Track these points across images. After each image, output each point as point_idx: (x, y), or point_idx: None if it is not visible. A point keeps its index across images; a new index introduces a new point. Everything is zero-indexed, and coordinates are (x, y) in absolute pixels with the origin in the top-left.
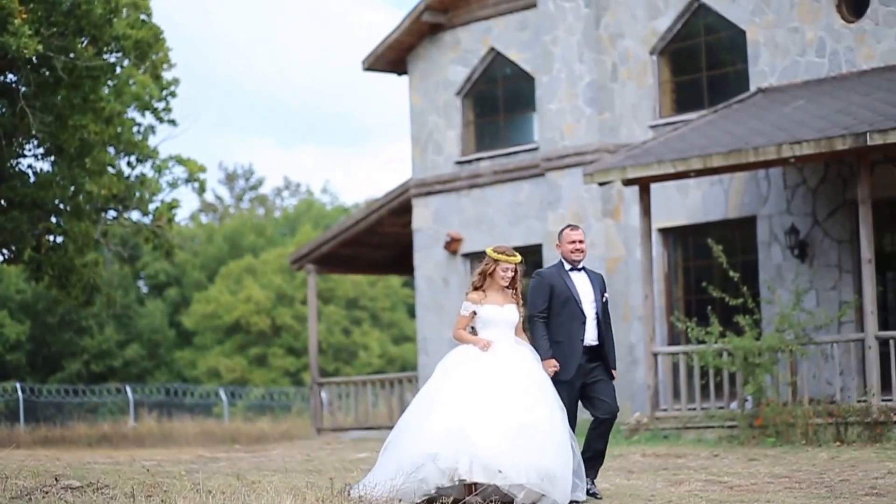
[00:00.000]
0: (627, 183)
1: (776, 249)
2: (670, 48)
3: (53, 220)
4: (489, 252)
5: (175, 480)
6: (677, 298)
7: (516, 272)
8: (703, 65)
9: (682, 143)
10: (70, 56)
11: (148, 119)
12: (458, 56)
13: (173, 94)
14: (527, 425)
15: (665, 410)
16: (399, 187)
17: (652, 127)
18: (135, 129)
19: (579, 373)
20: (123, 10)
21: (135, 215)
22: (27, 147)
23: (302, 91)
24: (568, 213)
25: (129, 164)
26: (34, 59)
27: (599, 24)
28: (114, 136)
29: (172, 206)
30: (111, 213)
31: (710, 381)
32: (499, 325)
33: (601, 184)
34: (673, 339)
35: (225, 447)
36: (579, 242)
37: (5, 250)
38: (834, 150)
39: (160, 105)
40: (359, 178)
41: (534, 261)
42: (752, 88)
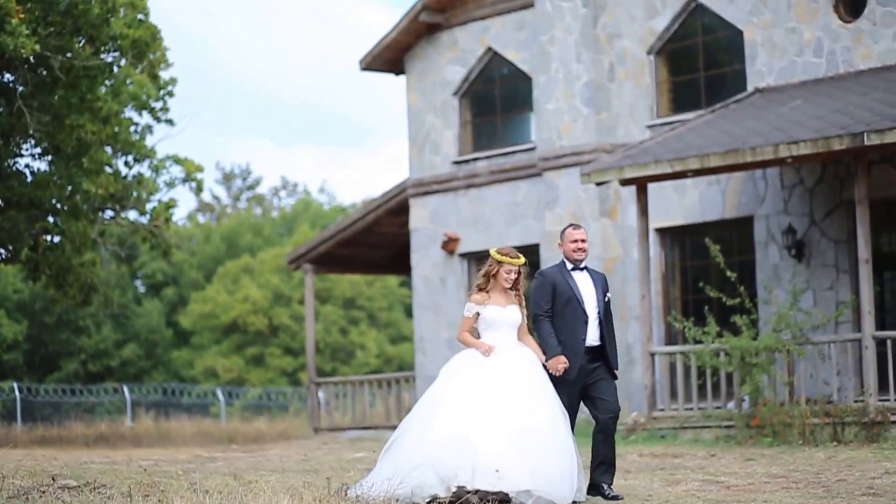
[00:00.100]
0: (625, 183)
1: (773, 249)
2: (668, 48)
3: (51, 219)
4: (493, 253)
5: (172, 480)
6: (674, 298)
7: (519, 273)
8: (700, 65)
9: (679, 142)
10: (67, 56)
11: (145, 119)
12: (455, 56)
13: (171, 93)
14: (529, 428)
15: (662, 410)
16: (396, 187)
17: (649, 127)
18: (132, 129)
19: (581, 373)
20: (121, 10)
21: (132, 215)
22: (24, 146)
23: (300, 91)
24: (565, 213)
25: (126, 163)
26: (31, 58)
27: (597, 24)
28: (111, 135)
29: (170, 205)
30: (108, 212)
31: (708, 381)
32: (501, 326)
33: (598, 184)
34: (670, 338)
35: (222, 447)
36: (581, 242)
37: (2, 250)
38: (831, 150)
39: (157, 105)
40: (356, 178)
41: (531, 261)
42: (750, 88)
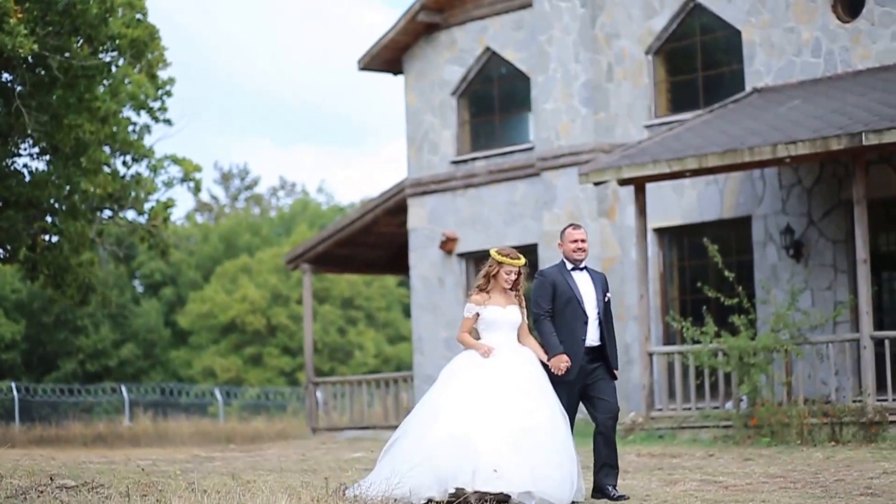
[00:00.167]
0: (623, 183)
1: (771, 249)
2: (666, 48)
3: (49, 219)
4: (493, 254)
5: (170, 480)
6: (672, 298)
7: (519, 274)
8: (698, 65)
9: (677, 142)
10: (65, 55)
11: (143, 118)
12: (453, 56)
13: (169, 93)
14: (528, 429)
15: (660, 410)
16: (394, 187)
17: (647, 127)
18: (130, 129)
19: (581, 374)
20: (119, 10)
21: (130, 215)
22: (23, 146)
23: (298, 91)
24: (563, 213)
25: (124, 163)
26: (30, 58)
27: (595, 24)
28: (109, 135)
29: (168, 205)
30: (106, 212)
31: (706, 381)
32: (501, 326)
33: (596, 183)
34: (668, 338)
35: (220, 447)
36: (581, 242)
37: (0, 249)
38: (829, 150)
39: (156, 104)
40: (354, 178)
41: (530, 261)
42: (748, 88)
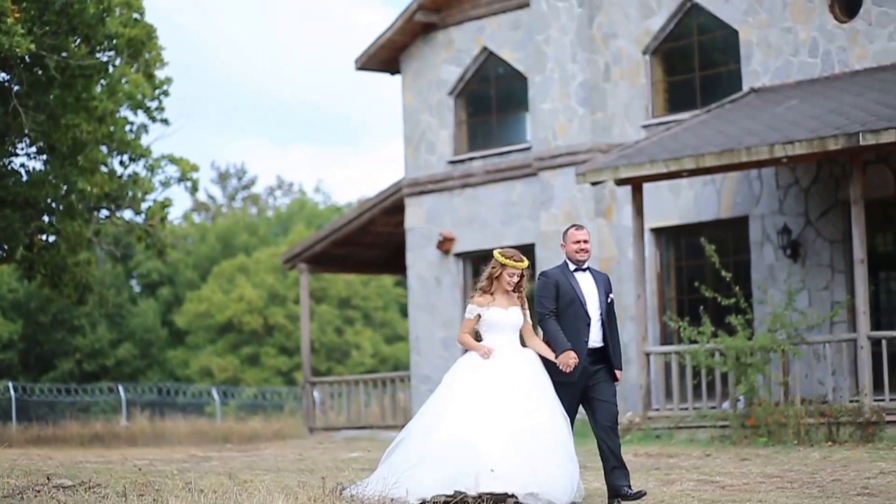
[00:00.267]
0: (620, 183)
1: (768, 249)
2: (663, 48)
3: (46, 219)
4: (496, 256)
5: (167, 480)
6: (669, 298)
7: (522, 276)
8: (695, 65)
9: (674, 142)
10: (63, 55)
11: (140, 118)
12: (450, 55)
13: (166, 93)
14: (529, 429)
15: (657, 410)
16: (392, 187)
17: (644, 127)
18: (127, 128)
19: (583, 375)
20: (116, 10)
21: (127, 214)
22: (20, 146)
23: (295, 90)
24: (560, 213)
25: (121, 163)
26: (27, 57)
27: (592, 24)
28: (106, 135)
29: (165, 205)
30: (104, 212)
31: (703, 381)
32: (503, 328)
33: (594, 183)
34: (665, 338)
35: (217, 446)
36: (584, 242)
37: None
38: (826, 150)
39: (153, 104)
40: (352, 178)
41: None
42: (745, 88)
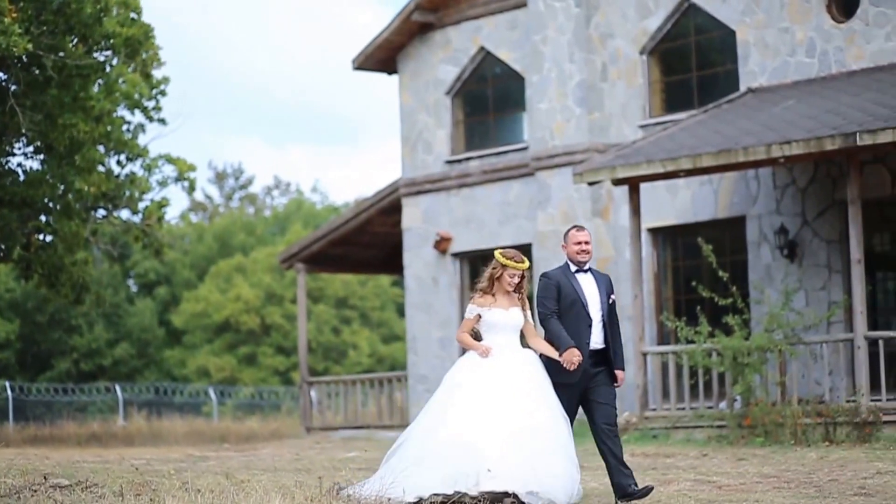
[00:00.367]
0: (617, 183)
1: (765, 249)
2: (660, 48)
3: (43, 218)
4: (497, 256)
5: (164, 479)
6: (667, 298)
7: (522, 277)
8: (692, 65)
9: (671, 142)
10: (60, 55)
11: (138, 118)
12: (447, 55)
13: (163, 92)
14: (529, 429)
15: (654, 410)
16: (389, 186)
17: (642, 127)
18: (124, 128)
19: (583, 377)
20: (113, 9)
21: (124, 214)
22: (17, 145)
23: (292, 90)
24: (557, 213)
25: (118, 162)
26: (24, 57)
27: (590, 24)
28: (103, 134)
29: (162, 204)
30: (101, 211)
31: (700, 381)
32: (503, 328)
33: (591, 183)
34: (662, 338)
35: (214, 446)
36: (585, 244)
37: None
38: (823, 150)
39: (150, 104)
40: (349, 178)
41: None
42: (742, 88)
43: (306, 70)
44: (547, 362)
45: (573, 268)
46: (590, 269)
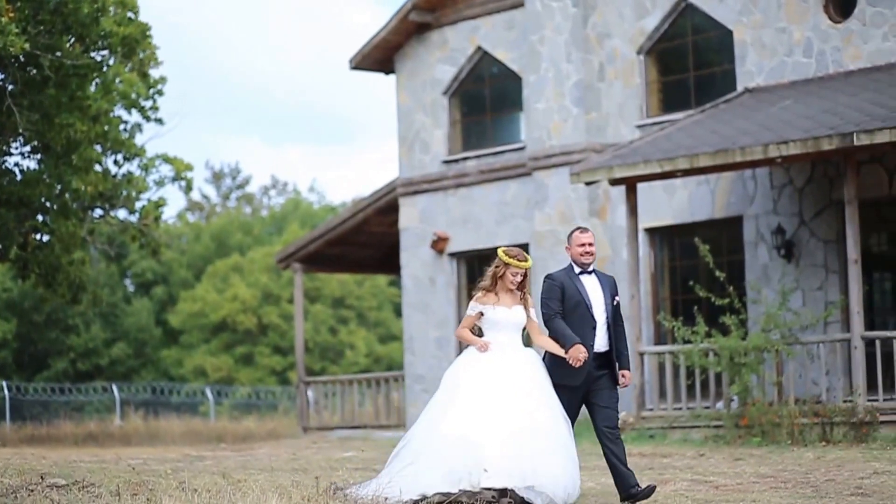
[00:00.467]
0: (614, 182)
1: (762, 249)
2: (657, 48)
3: (40, 218)
4: (500, 254)
5: (161, 479)
6: (664, 298)
7: (525, 276)
8: (690, 64)
9: (668, 142)
10: (57, 54)
11: (135, 117)
12: (445, 55)
13: (160, 92)
14: (529, 429)
15: (651, 410)
16: (386, 186)
17: (639, 126)
18: (122, 128)
19: (587, 380)
20: (110, 9)
21: (121, 214)
22: (14, 145)
23: (290, 90)
24: (554, 213)
25: (115, 162)
26: (21, 57)
27: (587, 24)
28: (101, 134)
29: (159, 204)
30: (98, 211)
31: (696, 381)
32: (505, 326)
33: (588, 183)
34: (659, 338)
35: (211, 446)
36: (589, 245)
37: None
38: (820, 150)
39: (147, 103)
40: (346, 177)
41: None
42: (739, 88)
43: (304, 70)
44: (551, 364)
45: (577, 269)
46: (594, 271)
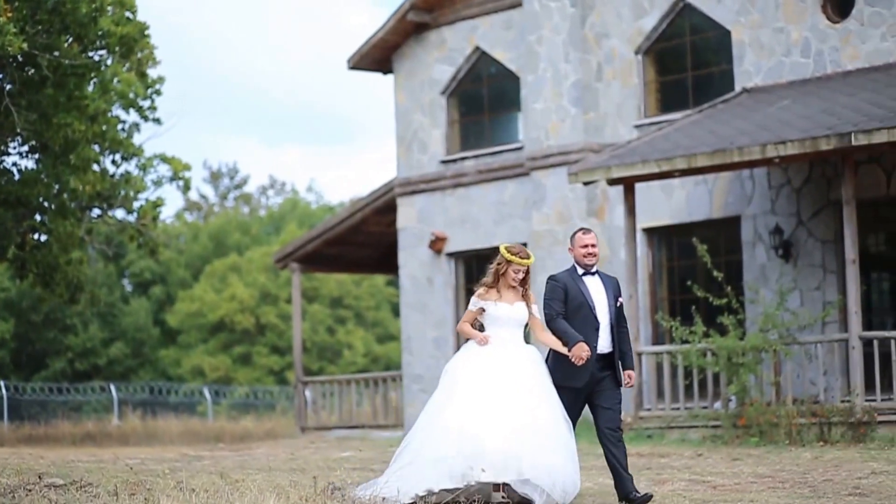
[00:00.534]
0: (612, 182)
1: (760, 249)
2: (655, 48)
3: (38, 217)
4: (503, 251)
5: (158, 479)
6: (661, 298)
7: (527, 272)
8: (688, 65)
9: (666, 142)
10: (55, 54)
11: (133, 117)
12: (443, 55)
13: (158, 92)
14: (530, 426)
15: (649, 410)
16: (384, 186)
17: (637, 126)
18: (119, 127)
19: (590, 381)
20: (108, 8)
21: (119, 213)
22: (12, 145)
23: (287, 90)
24: (552, 213)
25: (113, 162)
26: (19, 56)
27: (585, 24)
28: (98, 133)
29: (157, 204)
30: (96, 211)
31: (694, 381)
32: (507, 322)
33: (586, 183)
34: (657, 338)
35: (209, 446)
36: (591, 246)
37: None
38: (818, 150)
39: (145, 103)
40: (344, 177)
41: None
42: (737, 88)
43: (302, 70)
44: (553, 365)
45: (580, 271)
46: (597, 272)
